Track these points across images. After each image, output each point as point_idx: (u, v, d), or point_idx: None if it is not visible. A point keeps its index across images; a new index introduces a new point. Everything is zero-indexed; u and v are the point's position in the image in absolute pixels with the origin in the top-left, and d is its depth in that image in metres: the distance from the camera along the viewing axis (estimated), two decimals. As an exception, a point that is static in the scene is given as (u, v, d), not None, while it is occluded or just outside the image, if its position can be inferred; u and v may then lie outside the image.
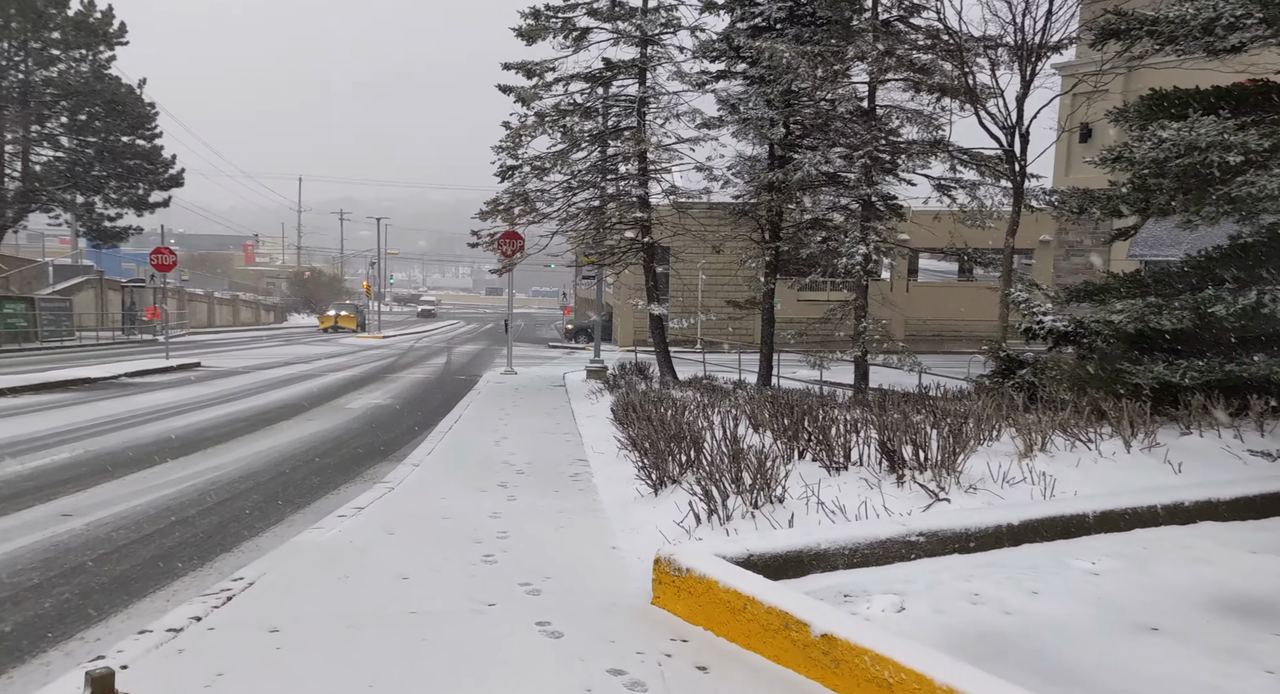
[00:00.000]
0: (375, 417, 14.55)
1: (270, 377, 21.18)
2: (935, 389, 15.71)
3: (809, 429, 7.85)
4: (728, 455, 7.21)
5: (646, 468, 7.59)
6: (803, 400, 10.41)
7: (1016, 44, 12.74)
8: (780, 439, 8.37)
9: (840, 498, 6.16)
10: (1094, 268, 19.58)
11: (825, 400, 13.18)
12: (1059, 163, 19.37)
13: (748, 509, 6.05)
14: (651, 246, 17.80)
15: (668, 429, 8.18)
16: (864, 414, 9.84)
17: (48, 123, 35.32)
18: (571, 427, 12.84)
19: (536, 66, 16.92)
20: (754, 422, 9.77)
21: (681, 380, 18.55)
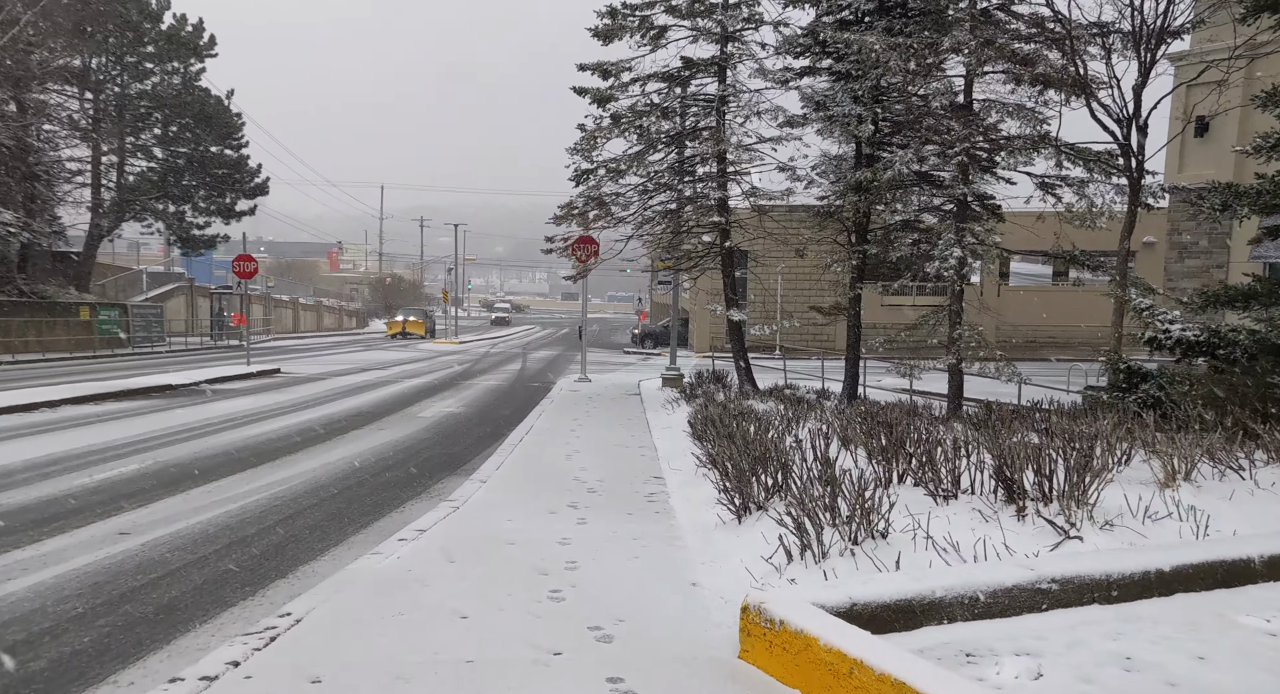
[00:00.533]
0: (446, 426, 14.22)
1: (346, 383, 21.18)
2: (1039, 402, 14.67)
3: (910, 450, 7.10)
4: (820, 480, 6.52)
5: (728, 491, 6.95)
6: (898, 415, 9.60)
7: (1135, 28, 11.69)
8: (876, 460, 7.63)
9: (951, 533, 5.42)
10: (1209, 272, 18.16)
11: (921, 414, 12.31)
12: (1171, 159, 18.02)
13: (846, 545, 5.36)
14: (730, 251, 17.12)
15: (751, 448, 7.52)
16: (967, 431, 9.01)
17: (141, 135, 36.48)
18: (646, 439, 12.26)
19: (613, 66, 16.43)
20: (845, 439, 9.03)
21: (761, 390, 17.81)
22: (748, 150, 15.97)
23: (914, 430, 8.23)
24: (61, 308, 31.18)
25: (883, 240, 16.98)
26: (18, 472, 9.20)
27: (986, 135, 14.57)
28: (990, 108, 14.82)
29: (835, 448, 8.35)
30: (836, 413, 10.05)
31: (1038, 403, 11.45)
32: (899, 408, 12.31)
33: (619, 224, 17.56)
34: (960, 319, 15.00)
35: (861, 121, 15.11)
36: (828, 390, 20.23)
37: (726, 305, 17.11)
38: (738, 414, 9.60)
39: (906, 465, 7.02)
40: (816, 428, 10.58)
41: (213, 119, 35.87)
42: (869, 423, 8.65)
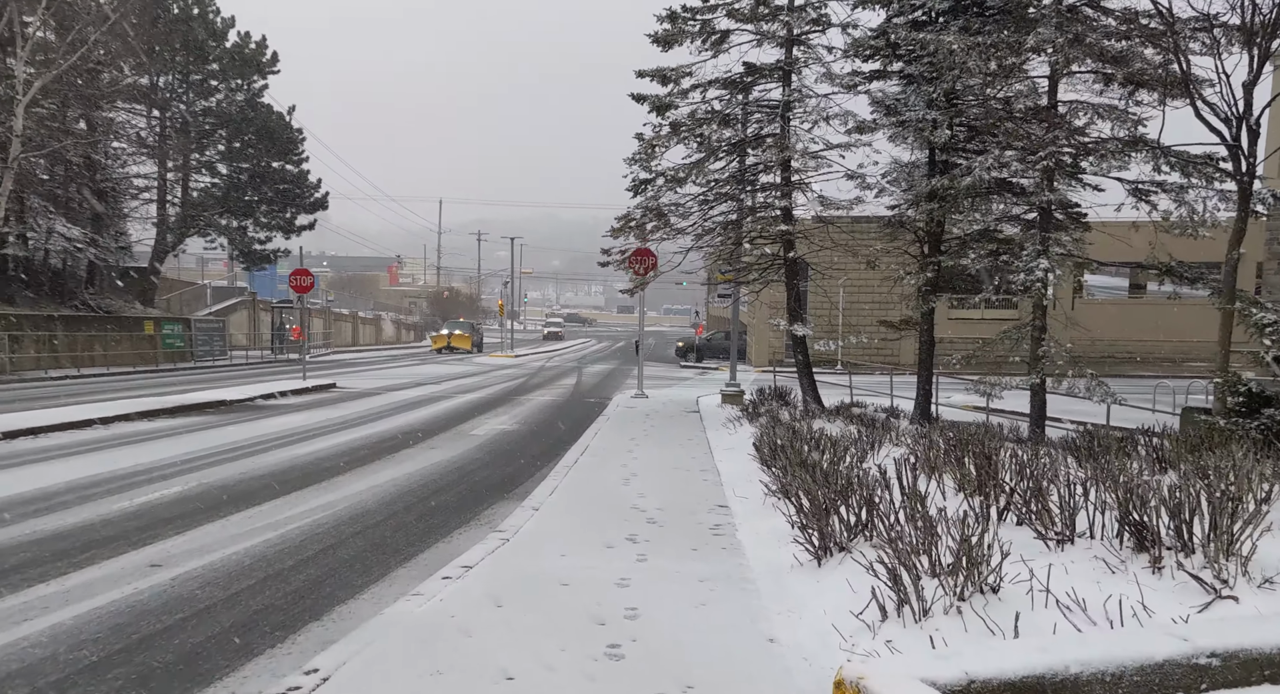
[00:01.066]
0: (499, 445, 13.71)
1: (400, 399, 20.89)
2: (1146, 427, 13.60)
3: (1009, 484, 6.32)
4: (910, 517, 5.79)
5: (805, 529, 6.24)
6: (985, 438, 8.78)
7: (1246, 21, 10.71)
8: (969, 493, 6.86)
9: (1075, 588, 4.64)
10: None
11: (1005, 437, 11.42)
12: (1271, 164, 16.73)
13: (951, 600, 4.62)
14: (795, 263, 16.39)
15: (830, 480, 6.80)
16: (1066, 459, 8.16)
17: (206, 151, 37.07)
18: (708, 462, 11.58)
19: (672, 72, 15.87)
20: (929, 467, 8.26)
21: (827, 407, 17.00)
22: (814, 157, 15.25)
23: (1008, 457, 7.42)
24: (127, 322, 31.65)
25: (958, 251, 16.09)
26: (59, 494, 8.90)
27: (1073, 139, 13.64)
28: (1078, 109, 13.89)
29: (921, 478, 7.57)
30: (916, 436, 9.25)
31: (1147, 428, 10.46)
32: (981, 430, 11.43)
33: (678, 235, 16.96)
34: (1043, 335, 14.06)
35: (936, 126, 14.28)
36: (897, 409, 19.30)
37: (790, 319, 16.36)
38: (811, 439, 8.87)
39: (1007, 500, 6.24)
40: (895, 453, 9.80)
41: (274, 135, 36.29)
42: (956, 448, 7.85)
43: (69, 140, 27.19)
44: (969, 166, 13.73)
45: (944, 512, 5.80)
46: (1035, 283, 12.99)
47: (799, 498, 6.82)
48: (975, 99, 15.30)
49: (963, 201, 14.31)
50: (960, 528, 5.11)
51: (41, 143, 26.09)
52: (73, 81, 27.85)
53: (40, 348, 26.72)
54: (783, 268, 16.59)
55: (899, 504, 6.34)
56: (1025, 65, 14.26)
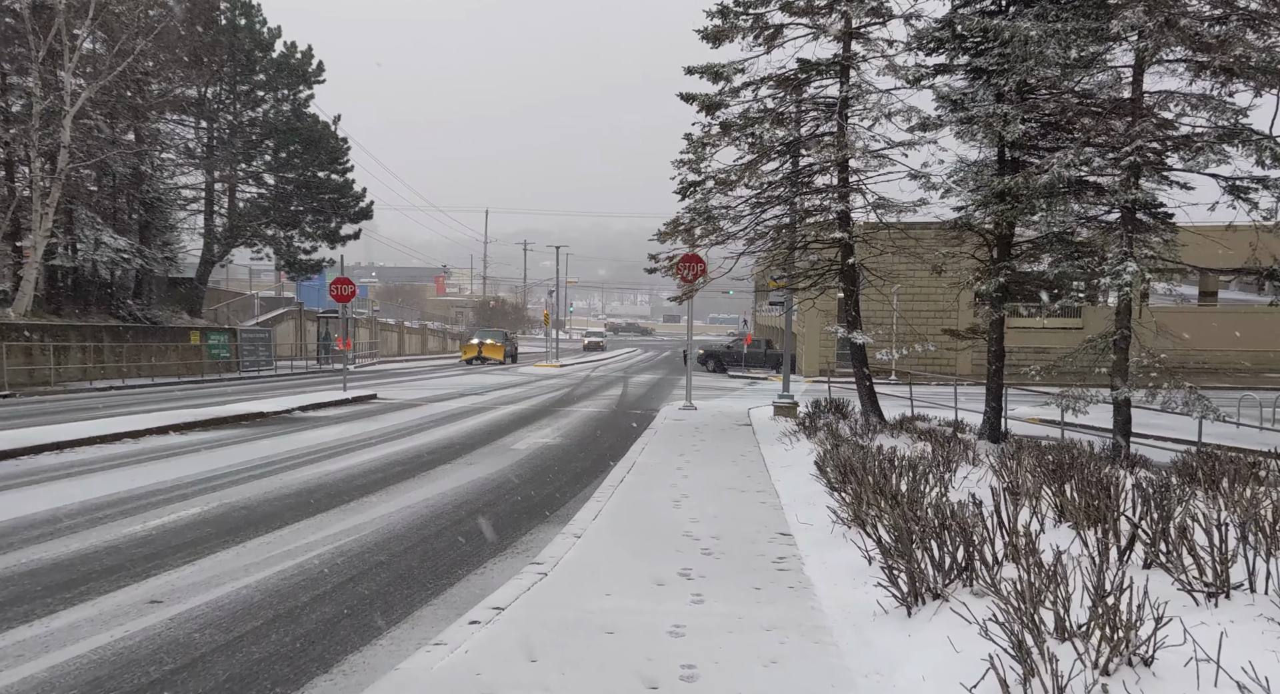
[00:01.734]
0: (541, 461, 12.98)
1: (441, 410, 20.30)
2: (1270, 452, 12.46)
3: (1131, 517, 5.37)
4: (1015, 556, 4.89)
5: (890, 570, 5.36)
6: (1084, 460, 7.79)
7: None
8: (1078, 526, 5.92)
9: (1254, 662, 3.70)
10: None
11: (1092, 456, 10.37)
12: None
13: (1093, 675, 3.71)
14: (853, 268, 15.43)
15: (913, 510, 5.90)
16: (1179, 481, 7.15)
17: (253, 161, 37.16)
18: (765, 481, 10.69)
19: (724, 68, 15.05)
20: (1019, 492, 7.31)
21: (888, 421, 15.99)
22: (876, 156, 14.30)
23: (1125, 484, 6.45)
24: (172, 333, 31.66)
25: (1030, 255, 15.02)
26: (69, 516, 8.33)
27: (1162, 132, 12.54)
28: (1167, 100, 12.80)
29: (1012, 507, 6.62)
30: (1000, 457, 8.28)
31: (1271, 453, 9.35)
32: (1068, 449, 10.40)
33: (728, 240, 16.11)
34: (1127, 345, 12.95)
35: (1008, 121, 13.25)
36: (963, 422, 18.20)
37: (849, 327, 15.39)
38: (885, 461, 7.95)
39: (1131, 537, 5.29)
40: (975, 475, 8.84)
41: (319, 144, 36.24)
42: (1054, 473, 6.88)
43: (115, 151, 27.22)
44: (1046, 163, 12.69)
45: (1058, 552, 4.88)
46: (1123, 287, 11.91)
47: (877, 530, 5.94)
48: (1049, 92, 14.27)
49: (1038, 202, 13.26)
50: (1090, 573, 4.20)
51: (89, 154, 26.13)
52: (121, 93, 27.95)
53: (86, 359, 26.72)
54: (839, 274, 15.64)
55: (1000, 540, 5.43)
56: (1107, 54, 13.23)
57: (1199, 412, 11.53)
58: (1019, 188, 13.12)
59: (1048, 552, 5.15)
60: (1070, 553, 5.28)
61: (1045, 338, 37.77)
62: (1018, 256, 15.37)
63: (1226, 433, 14.35)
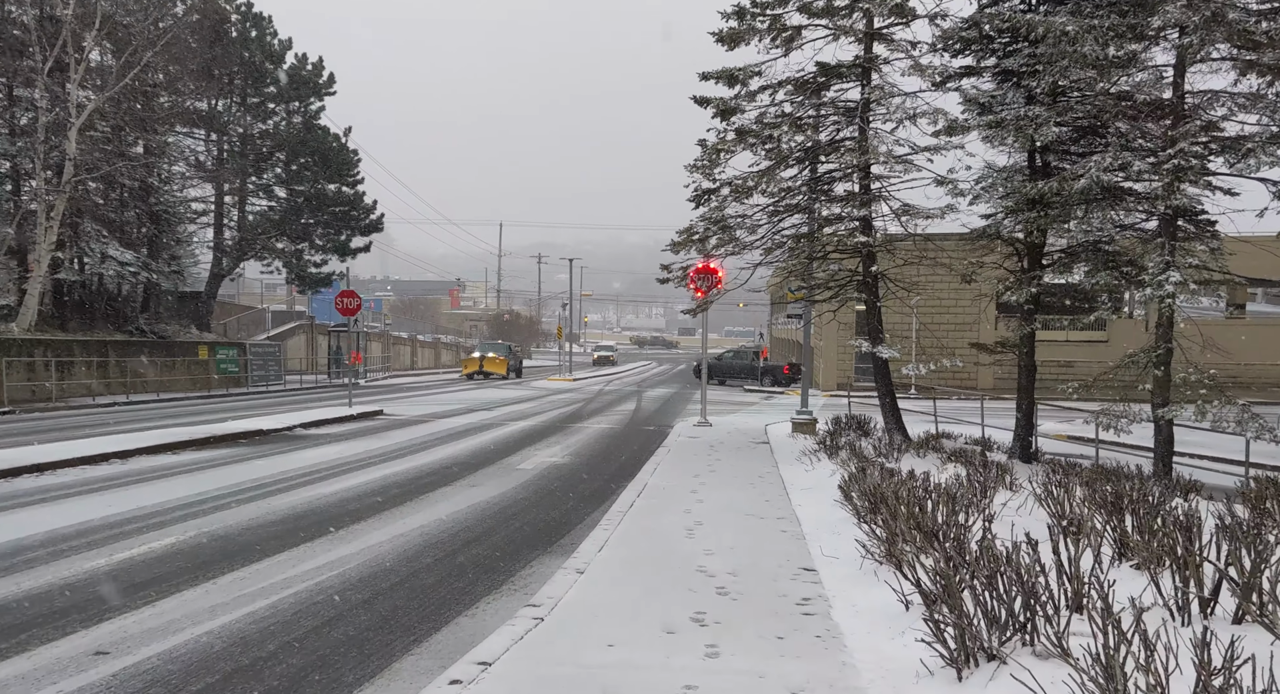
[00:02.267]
0: (547, 482, 12.31)
1: (447, 427, 19.68)
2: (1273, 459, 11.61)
3: (1217, 563, 4.64)
4: (1080, 605, 4.17)
5: (936, 624, 4.64)
6: (1143, 491, 7.03)
7: None
8: (1147, 567, 5.19)
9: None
10: None
11: (1138, 479, 9.61)
12: None
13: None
14: (875, 279, 14.72)
15: (959, 548, 5.18)
16: (1251, 514, 6.39)
17: (264, 174, 36.84)
18: (785, 506, 9.98)
19: (740, 72, 14.42)
20: (1069, 523, 6.58)
21: (913, 438, 15.24)
22: (900, 161, 13.61)
23: (1207, 518, 5.70)
24: (180, 347, 31.25)
25: (1063, 265, 14.28)
26: (31, 549, 7.72)
27: (1207, 133, 11.79)
28: (1212, 101, 12.08)
29: (1072, 547, 5.89)
30: (1042, 483, 7.54)
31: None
32: (1112, 474, 9.64)
33: (744, 250, 15.44)
34: (1169, 360, 12.17)
35: (1041, 124, 12.53)
36: (990, 439, 17.40)
37: (872, 340, 14.67)
38: (920, 489, 7.23)
39: (1217, 584, 4.56)
40: (1014, 502, 8.10)
41: (330, 157, 35.88)
42: (1109, 504, 6.14)
43: (121, 163, 26.88)
44: (1083, 167, 11.96)
45: (1139, 608, 4.15)
46: (1165, 298, 11.15)
47: (915, 570, 5.23)
48: (1082, 94, 13.56)
49: (1075, 208, 12.53)
50: (1170, 628, 3.49)
51: (95, 166, 25.78)
52: (130, 106, 27.66)
53: (90, 374, 26.30)
54: (861, 284, 14.94)
55: (1061, 586, 4.71)
56: (1145, 53, 12.51)
57: (1253, 432, 10.73)
58: (1052, 193, 12.39)
59: (1117, 603, 4.43)
60: (1142, 602, 4.55)
61: (1070, 351, 36.83)
62: (1049, 266, 14.64)
63: (1269, 451, 13.45)
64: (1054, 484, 7.01)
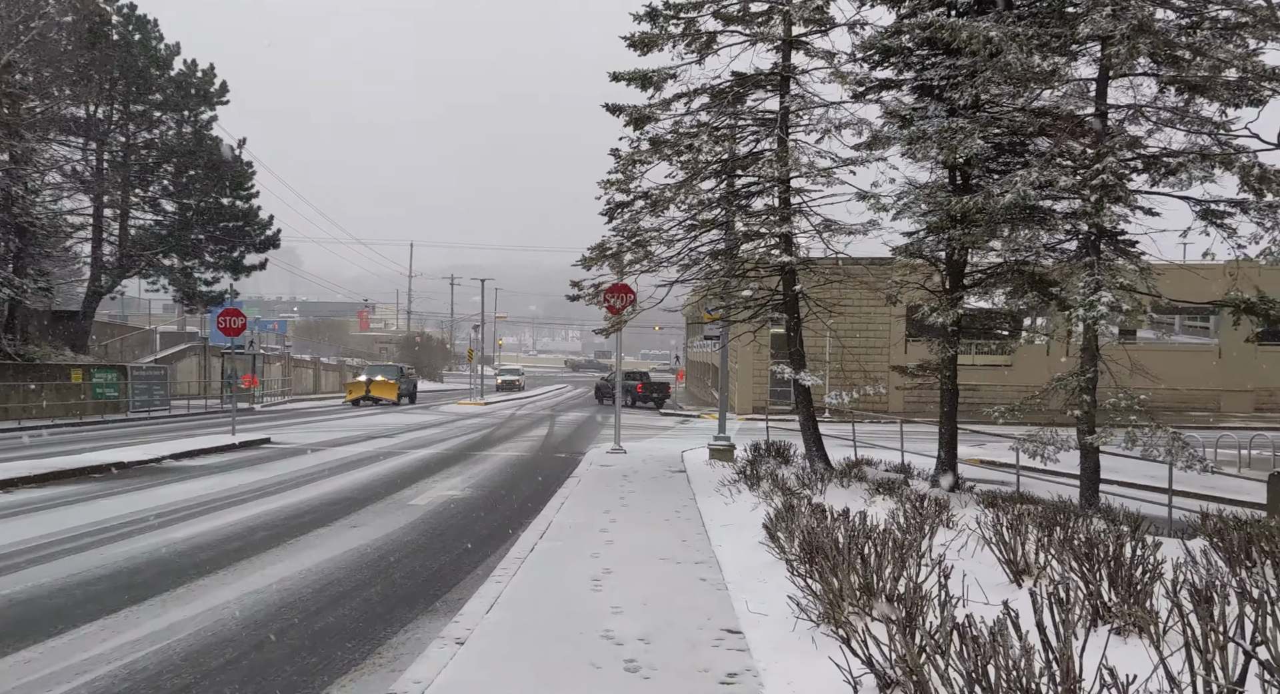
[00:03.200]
0: (441, 521, 11.07)
1: (340, 457, 18.14)
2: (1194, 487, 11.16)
3: (1247, 647, 3.79)
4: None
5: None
6: (1116, 536, 6.26)
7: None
8: (1121, 629, 4.35)
9: None
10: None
11: (1071, 511, 8.96)
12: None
13: None
14: (796, 299, 13.98)
15: (913, 613, 4.25)
16: (1205, 555, 5.68)
17: (149, 187, 34.45)
18: (704, 547, 9.00)
19: (654, 73, 13.58)
20: (1020, 569, 5.76)
21: (834, 465, 14.50)
22: (822, 173, 12.91)
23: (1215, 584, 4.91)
24: (50, 371, 28.68)
25: (984, 286, 13.79)
26: None
27: (1133, 149, 11.41)
28: (1136, 116, 11.75)
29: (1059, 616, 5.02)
30: (993, 527, 6.72)
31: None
32: (1059, 508, 8.95)
33: (660, 266, 14.54)
34: (1095, 385, 11.71)
35: (966, 136, 11.98)
36: (910, 466, 16.82)
37: (794, 366, 13.88)
38: (847, 528, 6.31)
39: (1242, 668, 3.71)
40: (956, 544, 7.28)
41: (223, 169, 33.76)
42: (1082, 555, 5.32)
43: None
44: (1009, 182, 11.43)
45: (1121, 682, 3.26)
46: (1098, 319, 10.64)
47: (866, 644, 4.27)
48: (1002, 108, 13.15)
49: (999, 226, 12.00)
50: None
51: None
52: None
53: (-60, 399, 23.71)
54: (782, 304, 14.17)
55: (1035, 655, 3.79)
56: (1070, 65, 12.13)
57: (1184, 461, 10.23)
58: (976, 209, 11.83)
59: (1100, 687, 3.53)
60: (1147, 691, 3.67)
61: (976, 375, 37.11)
62: (971, 287, 14.16)
63: (1187, 477, 13.09)
64: (1005, 525, 6.18)
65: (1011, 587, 6.03)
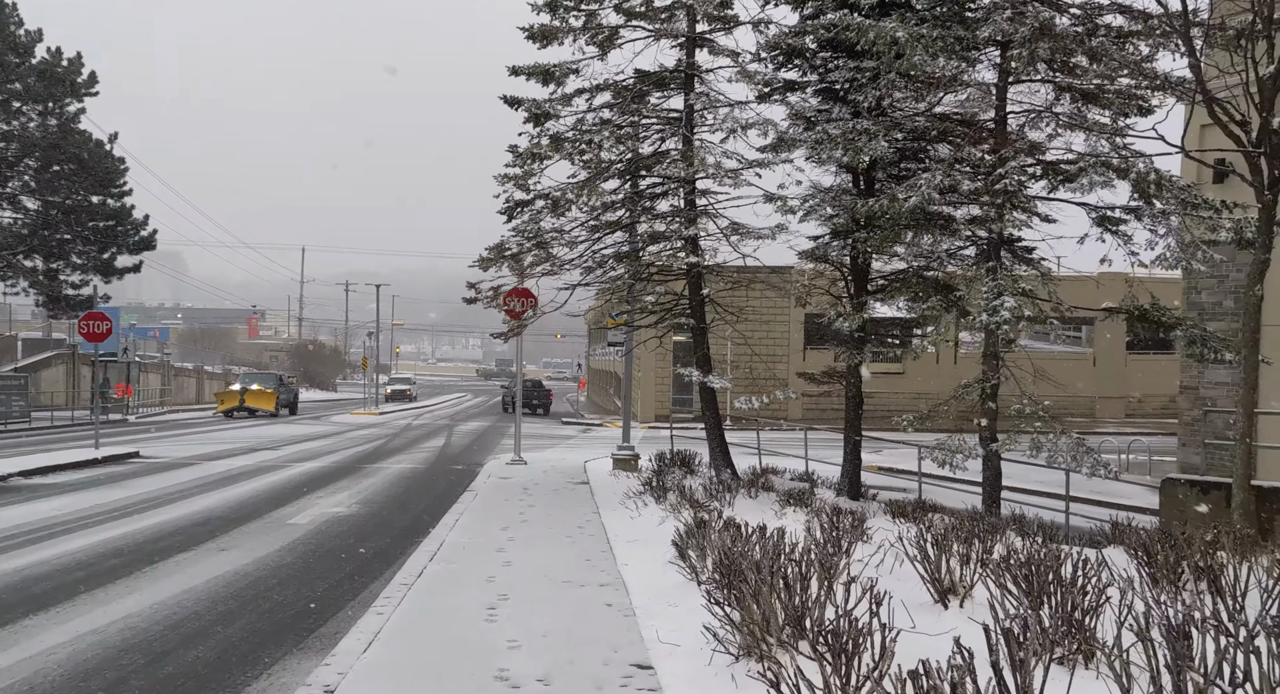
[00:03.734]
0: (323, 541, 10.19)
1: (217, 471, 16.84)
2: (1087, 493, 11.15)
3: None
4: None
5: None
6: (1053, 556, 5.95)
7: None
8: (1073, 664, 3.98)
9: None
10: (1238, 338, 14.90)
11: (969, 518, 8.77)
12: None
13: None
14: (703, 303, 13.59)
15: (848, 647, 3.77)
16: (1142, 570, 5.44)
17: (9, 182, 31.82)
18: (609, 566, 8.43)
19: (555, 67, 12.98)
20: (946, 588, 5.40)
21: (741, 476, 14.14)
22: (729, 174, 12.54)
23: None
24: (-115, 379, 26.04)
25: (893, 290, 13.69)
26: None
27: (1032, 156, 11.42)
28: (1036, 120, 11.80)
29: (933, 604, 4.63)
30: (915, 542, 6.36)
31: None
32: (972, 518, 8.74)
33: (563, 269, 13.94)
34: (997, 392, 11.67)
35: (871, 138, 11.80)
36: (814, 474, 16.60)
37: (702, 370, 13.47)
38: (769, 547, 5.83)
39: None
40: (876, 560, 6.91)
41: (91, 164, 31.45)
42: (1017, 575, 4.97)
43: None
44: (914, 185, 11.29)
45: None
46: (1001, 325, 10.55)
47: (799, 691, 3.76)
48: (904, 112, 13.08)
49: (903, 231, 11.85)
50: None
51: None
52: None
53: None
54: (689, 309, 13.75)
55: None
56: (972, 70, 12.12)
57: (1088, 467, 10.23)
58: (881, 212, 11.63)
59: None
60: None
61: (870, 383, 37.60)
62: (874, 293, 14.06)
63: (1078, 482, 13.22)
64: (928, 542, 5.83)
65: (937, 607, 5.67)
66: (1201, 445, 12.35)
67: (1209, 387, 18.27)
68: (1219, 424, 17.66)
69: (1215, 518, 10.04)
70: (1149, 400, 43.34)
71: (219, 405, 39.05)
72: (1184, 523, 10.78)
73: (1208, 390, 18.31)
